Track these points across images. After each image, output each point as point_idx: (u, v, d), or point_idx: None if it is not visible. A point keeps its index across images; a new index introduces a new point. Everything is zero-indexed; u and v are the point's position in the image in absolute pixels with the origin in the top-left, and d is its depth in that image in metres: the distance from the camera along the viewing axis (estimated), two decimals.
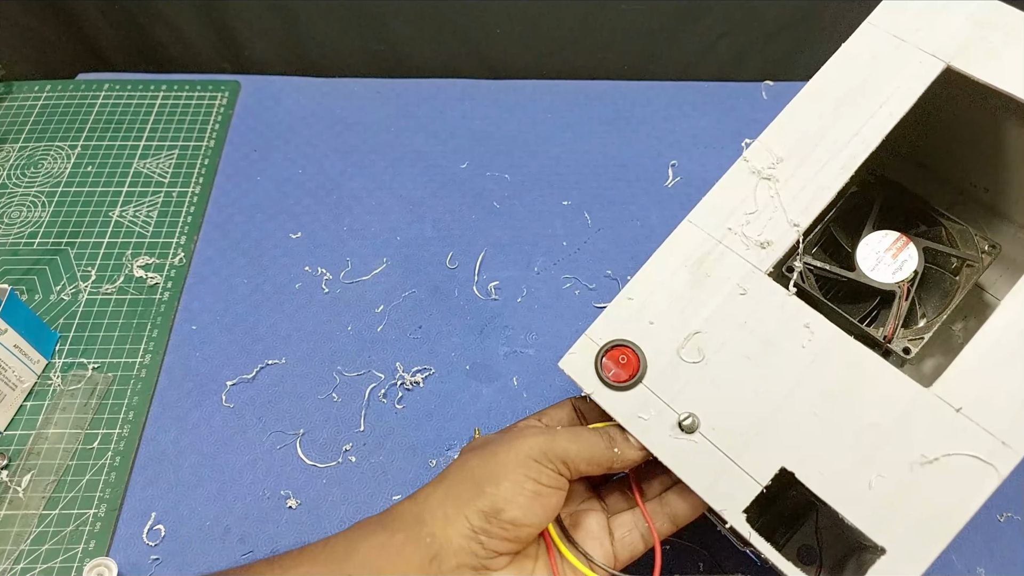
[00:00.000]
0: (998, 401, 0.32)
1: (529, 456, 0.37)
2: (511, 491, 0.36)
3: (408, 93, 0.73)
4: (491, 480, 0.37)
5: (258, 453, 0.51)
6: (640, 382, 0.38)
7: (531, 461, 0.37)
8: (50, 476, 0.49)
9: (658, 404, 0.37)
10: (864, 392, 0.34)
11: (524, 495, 0.36)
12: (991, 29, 0.38)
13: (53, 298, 0.58)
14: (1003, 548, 0.47)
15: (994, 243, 0.44)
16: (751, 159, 0.40)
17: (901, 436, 0.33)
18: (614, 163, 0.67)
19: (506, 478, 0.36)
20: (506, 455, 0.37)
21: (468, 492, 0.37)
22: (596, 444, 0.38)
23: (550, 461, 0.37)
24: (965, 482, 0.32)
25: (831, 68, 0.41)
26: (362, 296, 0.59)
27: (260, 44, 0.80)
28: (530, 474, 0.36)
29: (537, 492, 0.36)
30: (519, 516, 0.36)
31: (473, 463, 0.38)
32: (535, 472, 0.36)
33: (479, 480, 0.37)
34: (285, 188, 0.65)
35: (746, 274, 0.38)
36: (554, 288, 0.59)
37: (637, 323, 0.39)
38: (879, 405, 0.34)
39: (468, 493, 0.37)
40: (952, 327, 0.48)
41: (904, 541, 0.32)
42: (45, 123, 0.69)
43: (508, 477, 0.36)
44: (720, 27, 0.76)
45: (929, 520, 0.32)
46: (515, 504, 0.36)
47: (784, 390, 0.36)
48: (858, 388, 0.35)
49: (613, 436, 0.38)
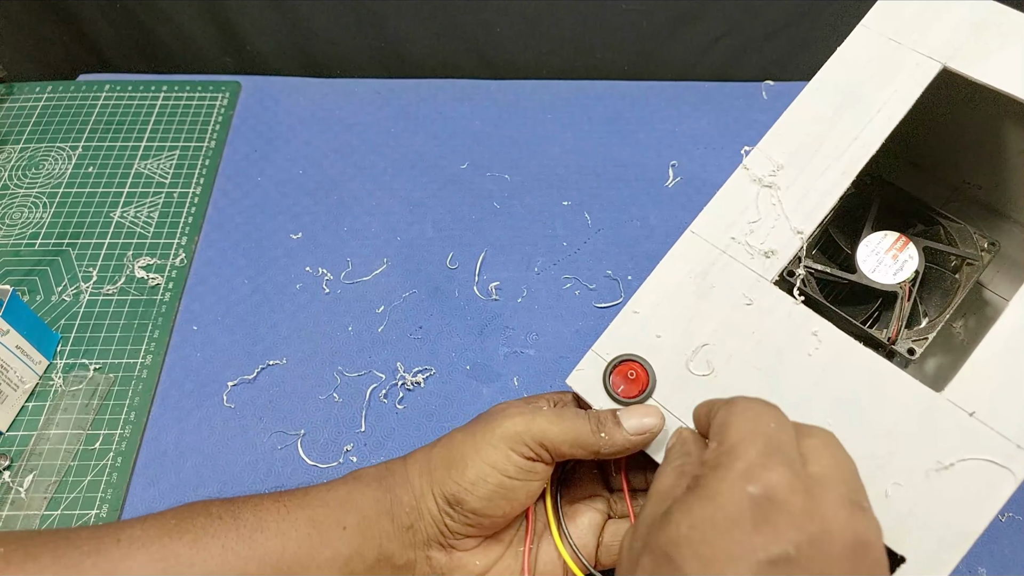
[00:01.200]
0: (1011, 404, 0.32)
1: (503, 440, 0.35)
2: (474, 481, 0.35)
3: (408, 93, 0.73)
4: (459, 464, 0.36)
5: (259, 453, 0.51)
6: (650, 396, 0.38)
7: (503, 447, 0.35)
8: (52, 477, 0.50)
9: (669, 418, 0.37)
10: (876, 399, 0.34)
11: (487, 487, 0.35)
12: (987, 29, 0.38)
13: (54, 299, 0.58)
14: (1004, 548, 0.47)
15: (993, 240, 0.44)
16: (751, 167, 0.40)
17: (915, 443, 0.33)
18: (614, 163, 0.67)
19: (472, 466, 0.35)
20: (482, 437, 0.36)
21: (440, 471, 0.36)
22: (581, 426, 0.36)
23: (526, 444, 0.35)
24: (981, 487, 0.31)
25: (828, 72, 0.41)
26: (363, 296, 0.59)
27: (261, 44, 0.80)
28: (498, 464, 0.35)
29: (500, 485, 0.35)
30: (479, 508, 0.35)
31: (456, 439, 0.37)
32: (503, 461, 0.35)
33: (451, 460, 0.36)
34: (286, 189, 0.65)
35: (751, 284, 0.38)
36: (554, 288, 0.59)
37: (644, 337, 0.39)
38: (892, 412, 0.34)
39: (439, 472, 0.36)
40: (953, 325, 0.48)
41: (924, 549, 0.31)
42: (46, 124, 0.69)
43: (475, 465, 0.35)
44: (720, 27, 0.76)
45: (948, 526, 0.31)
46: (475, 496, 0.35)
47: (795, 400, 0.35)
48: (870, 395, 0.34)
49: (602, 420, 0.36)
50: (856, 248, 0.43)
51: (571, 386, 0.40)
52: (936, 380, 0.34)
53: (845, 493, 0.27)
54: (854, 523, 0.26)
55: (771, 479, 0.26)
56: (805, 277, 0.41)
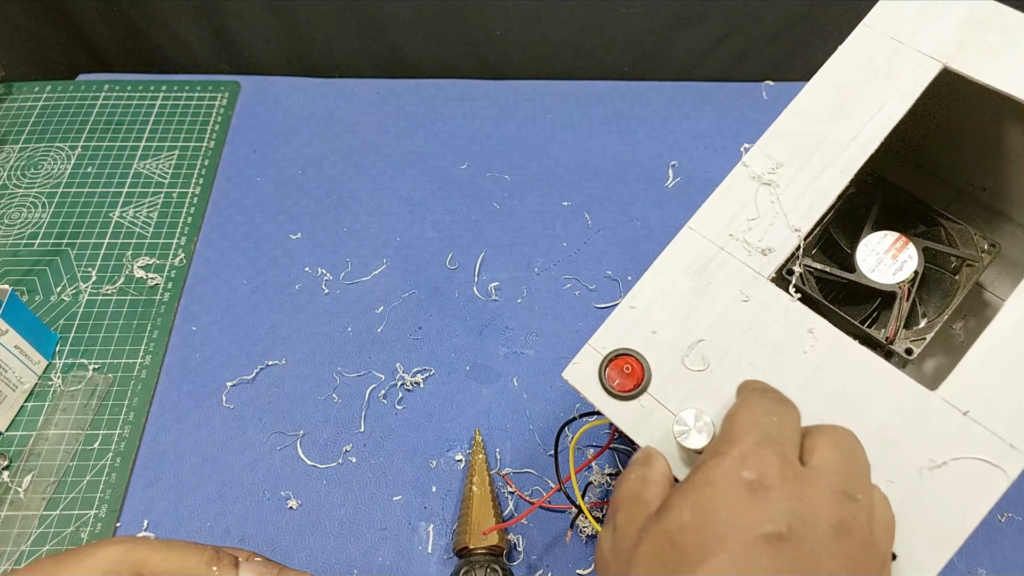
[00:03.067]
0: (1005, 403, 0.32)
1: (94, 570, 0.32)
2: None
3: (408, 94, 0.73)
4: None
5: (258, 454, 0.51)
6: (645, 391, 0.38)
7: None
8: (51, 477, 0.49)
9: (663, 413, 0.37)
10: (870, 397, 0.34)
11: None
12: (988, 30, 0.38)
13: (53, 299, 0.58)
14: (1003, 548, 0.47)
15: (993, 242, 0.44)
16: (750, 164, 0.40)
17: (909, 441, 0.33)
18: (614, 163, 0.67)
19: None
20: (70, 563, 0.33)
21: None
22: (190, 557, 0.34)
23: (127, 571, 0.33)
24: (974, 486, 0.31)
25: (828, 71, 0.41)
26: (362, 297, 0.59)
27: (259, 45, 0.80)
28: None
29: None
30: None
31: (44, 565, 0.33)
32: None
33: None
34: (285, 189, 0.65)
35: (748, 281, 0.38)
36: (554, 289, 0.59)
37: (640, 332, 0.39)
38: (886, 410, 0.34)
39: None
40: (952, 326, 0.48)
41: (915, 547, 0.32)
42: (45, 124, 0.69)
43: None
44: (720, 30, 0.76)
45: (939, 525, 0.32)
46: None
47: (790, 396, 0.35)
48: (864, 393, 0.34)
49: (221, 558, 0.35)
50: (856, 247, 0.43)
51: (566, 379, 0.40)
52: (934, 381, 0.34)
53: (836, 483, 0.29)
54: (840, 510, 0.28)
55: (762, 465, 0.28)
56: (804, 275, 0.41)
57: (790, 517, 0.27)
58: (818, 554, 0.27)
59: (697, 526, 0.28)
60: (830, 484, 0.28)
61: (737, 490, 0.28)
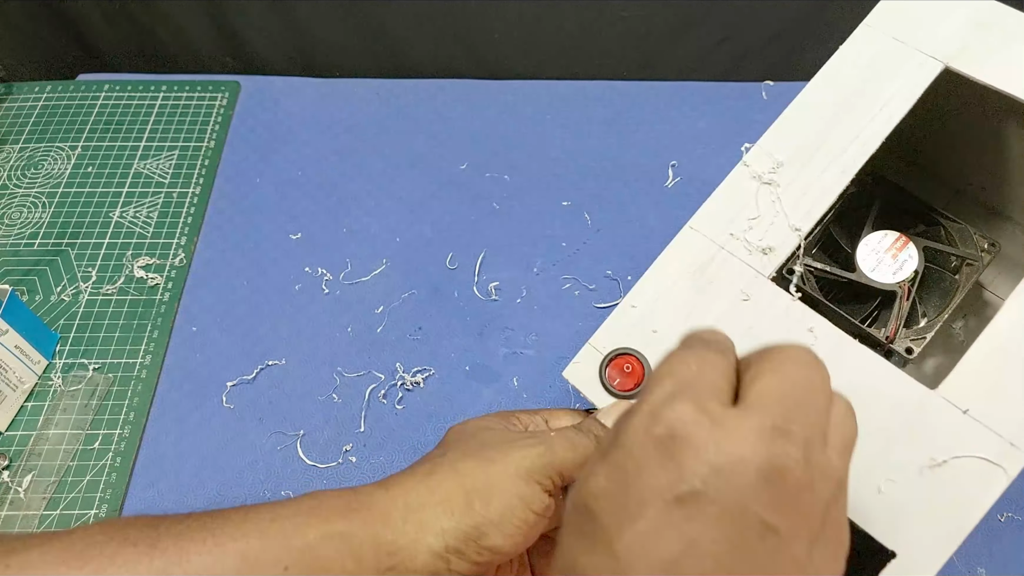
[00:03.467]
0: (1005, 402, 0.32)
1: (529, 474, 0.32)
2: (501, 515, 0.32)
3: (408, 94, 0.73)
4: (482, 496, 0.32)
5: (259, 454, 0.51)
6: None
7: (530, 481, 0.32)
8: (51, 477, 0.49)
9: None
10: (870, 396, 0.34)
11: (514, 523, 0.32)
12: (990, 29, 0.38)
13: (54, 299, 0.58)
14: (1003, 548, 0.47)
15: (993, 241, 0.44)
16: (751, 164, 0.40)
17: (909, 439, 0.33)
18: (613, 164, 0.67)
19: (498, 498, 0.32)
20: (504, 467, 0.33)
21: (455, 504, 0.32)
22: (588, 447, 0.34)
23: (548, 477, 0.33)
24: (974, 484, 0.31)
25: (829, 70, 0.41)
26: (362, 297, 0.59)
27: (260, 45, 0.80)
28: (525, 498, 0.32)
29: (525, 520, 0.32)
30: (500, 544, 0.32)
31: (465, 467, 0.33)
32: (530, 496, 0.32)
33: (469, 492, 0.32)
34: (285, 189, 0.65)
35: (749, 280, 0.38)
36: (554, 289, 0.59)
37: (641, 331, 0.39)
38: (886, 409, 0.34)
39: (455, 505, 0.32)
40: (952, 326, 0.48)
41: (915, 545, 0.32)
42: (45, 124, 0.69)
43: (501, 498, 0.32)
44: (720, 32, 0.76)
45: (939, 523, 0.32)
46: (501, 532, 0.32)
47: None
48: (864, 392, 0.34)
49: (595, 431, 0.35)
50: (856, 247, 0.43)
51: (567, 378, 0.40)
52: (934, 380, 0.34)
53: (768, 421, 0.24)
54: (768, 448, 0.24)
55: (671, 416, 0.25)
56: (804, 275, 0.41)
57: (704, 469, 0.23)
58: (743, 506, 0.23)
59: (611, 493, 0.25)
60: (758, 422, 0.24)
61: (646, 449, 0.25)
